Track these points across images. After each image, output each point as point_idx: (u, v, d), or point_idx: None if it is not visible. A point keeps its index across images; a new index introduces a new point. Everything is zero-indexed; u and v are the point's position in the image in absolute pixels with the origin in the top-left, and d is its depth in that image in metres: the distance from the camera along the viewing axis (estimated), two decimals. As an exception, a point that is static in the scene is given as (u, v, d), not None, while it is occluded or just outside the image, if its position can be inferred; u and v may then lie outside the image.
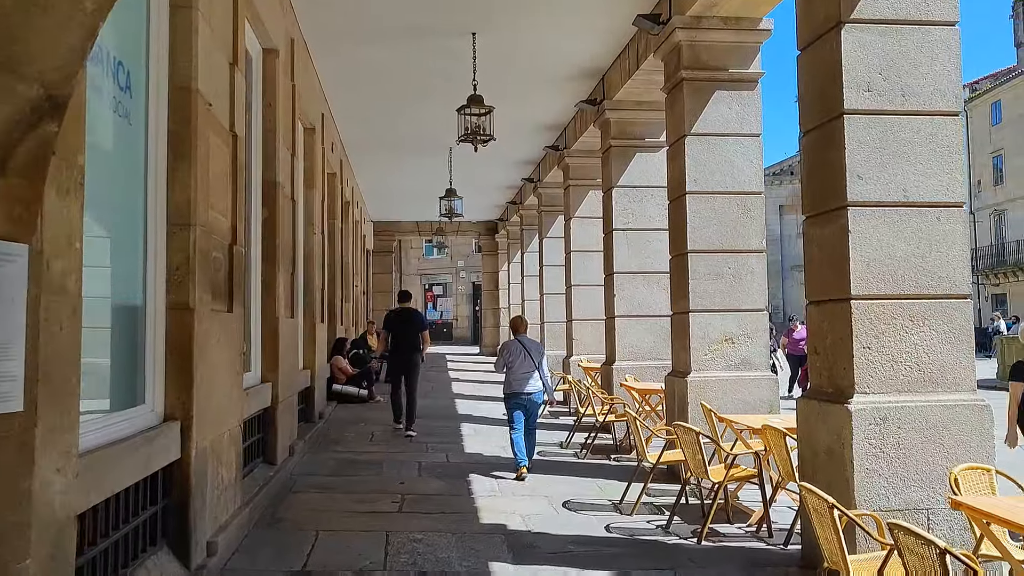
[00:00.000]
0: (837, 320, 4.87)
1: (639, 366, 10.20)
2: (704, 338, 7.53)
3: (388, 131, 13.63)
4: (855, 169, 4.79)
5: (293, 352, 8.09)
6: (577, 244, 13.17)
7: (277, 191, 7.29)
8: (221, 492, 4.95)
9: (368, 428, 10.12)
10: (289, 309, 7.90)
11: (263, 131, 7.24)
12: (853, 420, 4.62)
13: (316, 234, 10.11)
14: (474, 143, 9.10)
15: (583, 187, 13.21)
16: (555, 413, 11.92)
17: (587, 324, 13.07)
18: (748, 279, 7.62)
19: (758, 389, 7.47)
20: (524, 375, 7.84)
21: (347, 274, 15.65)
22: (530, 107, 12.12)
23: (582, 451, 8.84)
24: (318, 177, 10.49)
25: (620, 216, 10.42)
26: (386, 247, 25.20)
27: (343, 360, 12.52)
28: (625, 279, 10.34)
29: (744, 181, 7.67)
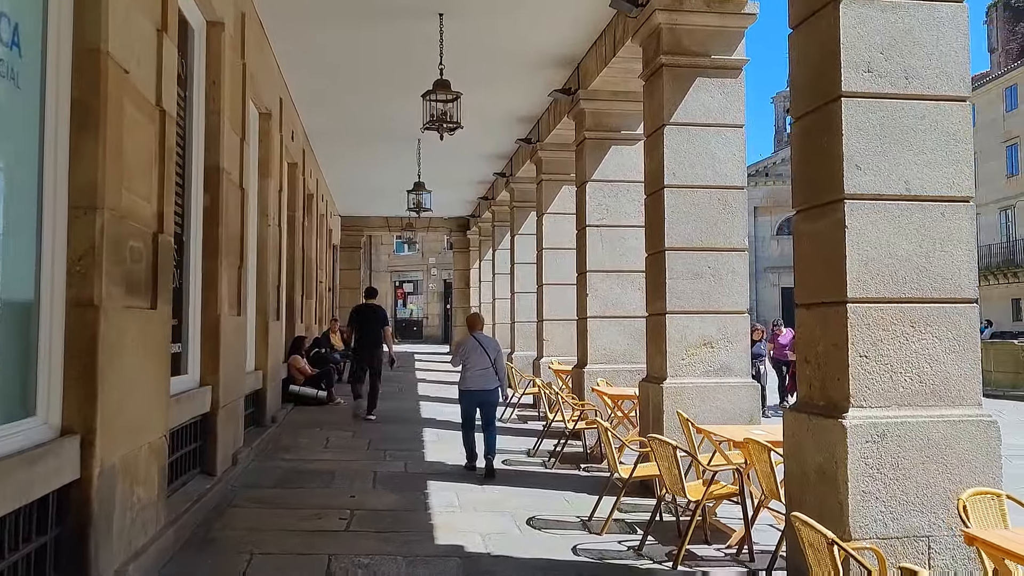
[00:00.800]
0: (831, 325, 4.38)
1: (612, 369, 9.71)
2: (681, 342, 7.04)
3: (353, 120, 13.03)
4: (853, 158, 4.31)
5: (239, 352, 7.48)
6: (549, 241, 12.66)
7: (221, 177, 6.68)
8: (136, 514, 4.35)
9: (324, 433, 9.53)
10: (235, 306, 7.30)
11: (207, 112, 6.64)
12: (848, 437, 4.13)
13: (271, 226, 9.49)
14: (440, 131, 8.55)
15: (556, 182, 12.70)
16: (524, 417, 11.41)
17: (559, 324, 12.56)
18: (729, 279, 7.15)
19: (738, 397, 7.00)
20: (480, 372, 7.81)
21: (309, 269, 15.01)
22: (502, 96, 11.58)
23: (550, 460, 8.32)
24: (275, 165, 9.87)
25: (594, 212, 9.92)
26: (354, 243, 24.52)
27: (301, 360, 11.90)
28: (598, 278, 9.85)
29: (726, 175, 7.20)
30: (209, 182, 6.62)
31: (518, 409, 11.63)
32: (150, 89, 4.61)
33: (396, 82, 10.45)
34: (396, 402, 12.78)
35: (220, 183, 6.67)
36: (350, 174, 17.61)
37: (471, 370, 7.83)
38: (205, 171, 6.60)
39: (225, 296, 6.79)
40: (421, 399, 13.31)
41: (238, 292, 7.43)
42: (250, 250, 8.98)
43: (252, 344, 9.17)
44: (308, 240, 15.00)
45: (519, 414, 11.48)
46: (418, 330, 34.18)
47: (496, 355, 7.89)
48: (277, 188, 10.21)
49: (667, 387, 6.93)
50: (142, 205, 4.51)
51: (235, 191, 7.32)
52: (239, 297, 7.44)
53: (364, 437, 9.30)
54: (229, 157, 6.95)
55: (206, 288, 6.55)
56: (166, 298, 4.90)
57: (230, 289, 7.02)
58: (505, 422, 10.97)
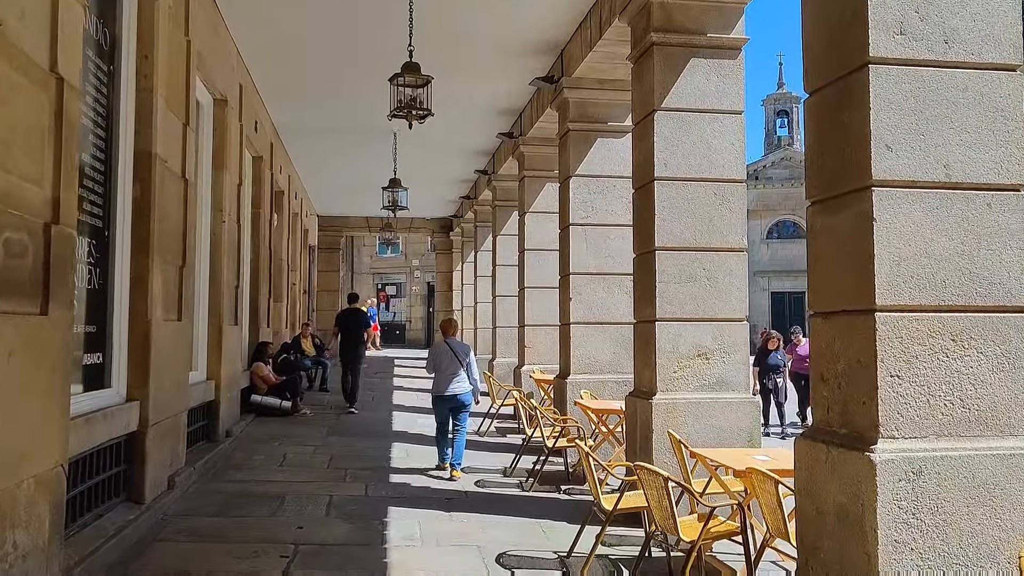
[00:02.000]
0: (855, 338, 3.65)
1: (597, 380, 8.96)
2: (673, 352, 6.31)
3: (323, 113, 12.25)
4: (883, 137, 3.58)
5: (179, 361, 6.69)
6: (532, 241, 11.91)
7: (154, 164, 5.89)
8: (11, 565, 3.57)
9: (282, 448, 8.73)
10: (174, 310, 6.50)
11: (136, 89, 5.85)
12: (877, 474, 3.40)
13: (226, 222, 8.70)
14: (408, 118, 7.77)
15: (539, 178, 11.96)
16: (503, 430, 10.64)
17: (541, 330, 11.81)
18: (726, 282, 6.42)
19: (736, 415, 6.26)
20: (451, 376, 7.96)
21: (279, 270, 14.20)
22: (481, 86, 10.84)
23: (528, 481, 7.56)
24: (232, 157, 9.08)
25: (578, 209, 9.18)
26: (332, 243, 23.68)
27: (265, 367, 11.09)
28: (582, 281, 9.10)
29: (723, 166, 6.48)
30: (139, 169, 5.83)
31: (497, 420, 10.86)
32: (39, 49, 3.82)
33: (366, 71, 9.68)
34: (367, 412, 11.99)
35: (152, 171, 5.88)
36: (324, 171, 16.82)
37: (443, 375, 7.98)
38: (135, 157, 5.81)
39: (159, 298, 6.01)
40: (395, 409, 12.52)
41: (179, 294, 6.64)
42: (199, 248, 8.21)
43: (203, 352, 8.38)
44: (278, 239, 14.19)
45: (498, 426, 10.73)
46: (401, 334, 33.29)
47: (467, 360, 8.04)
48: (236, 182, 9.42)
49: (657, 403, 6.19)
50: (28, 190, 3.72)
51: (175, 181, 6.53)
52: (180, 299, 6.65)
53: (325, 453, 8.52)
54: (166, 142, 6.17)
55: (134, 290, 5.77)
56: (64, 301, 4.11)
57: (166, 291, 6.23)
58: (483, 435, 10.22)
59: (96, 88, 5.32)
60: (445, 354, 8.02)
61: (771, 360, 12.11)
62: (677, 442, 5.65)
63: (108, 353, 5.56)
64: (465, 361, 8.00)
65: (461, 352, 8.05)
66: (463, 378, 7.97)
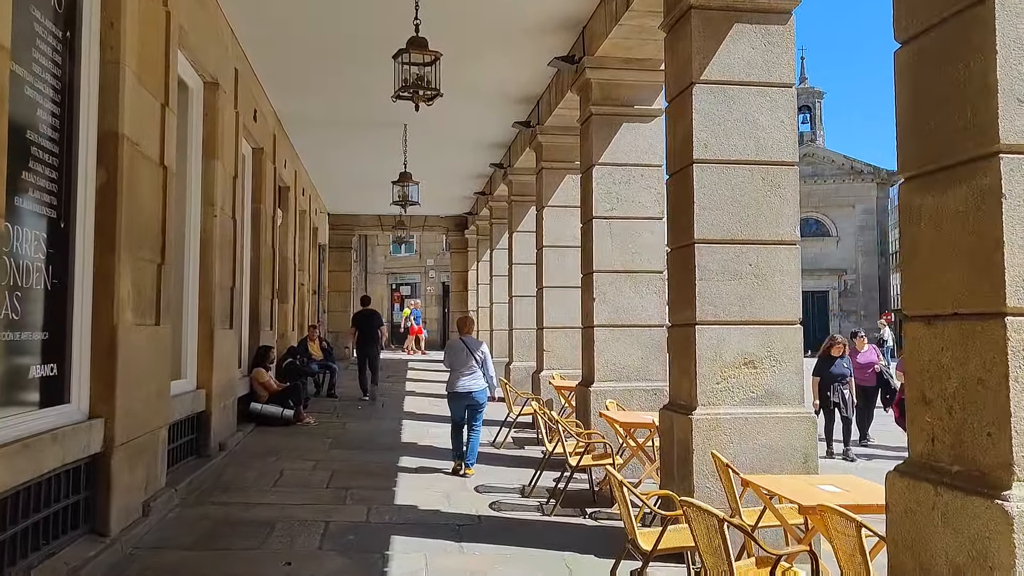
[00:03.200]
0: (974, 349, 2.83)
1: (624, 389, 8.16)
2: (715, 360, 5.50)
3: (329, 102, 11.52)
4: (1013, 87, 2.76)
5: (157, 371, 5.95)
6: (550, 238, 11.12)
7: (122, 147, 5.16)
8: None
9: (279, 463, 7.98)
10: (150, 313, 5.77)
11: (101, 62, 5.12)
12: (1015, 530, 2.59)
13: (218, 216, 7.97)
14: (415, 99, 7.01)
15: (559, 170, 11.17)
16: (520, 441, 9.85)
17: (561, 333, 11.02)
18: (776, 280, 5.60)
19: (788, 432, 5.45)
20: (466, 374, 8.00)
21: (284, 270, 13.49)
22: (495, 70, 10.06)
23: (549, 503, 6.77)
24: (226, 146, 8.35)
25: (602, 201, 8.37)
26: (344, 242, 22.96)
27: (265, 373, 10.36)
28: (607, 279, 8.30)
29: (771, 146, 5.66)
30: (104, 153, 5.10)
31: (515, 430, 10.08)
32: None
33: (371, 56, 8.91)
34: (375, 422, 11.24)
35: (120, 155, 5.14)
36: (333, 166, 16.09)
37: (458, 372, 8.04)
38: (99, 138, 5.08)
39: (128, 300, 5.27)
40: (405, 417, 11.75)
41: (156, 295, 5.91)
42: (187, 244, 7.52)
43: (191, 358, 7.66)
44: (283, 237, 13.49)
45: (515, 436, 9.94)
46: (416, 335, 32.58)
47: (483, 357, 8.08)
48: (231, 174, 8.69)
49: (697, 419, 5.38)
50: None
51: (151, 168, 5.80)
52: (158, 301, 5.92)
53: (326, 469, 7.76)
54: (137, 123, 5.43)
55: (98, 291, 5.03)
56: (-13, 305, 3.38)
57: (139, 291, 5.50)
58: (499, 447, 9.44)
59: (49, 57, 4.60)
60: (460, 351, 8.06)
61: (835, 369, 10.13)
62: (724, 466, 4.84)
63: (66, 364, 4.83)
64: (480, 359, 8.03)
65: (476, 349, 8.07)
66: (478, 375, 8.01)
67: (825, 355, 10.23)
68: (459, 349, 8.12)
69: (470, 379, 8.01)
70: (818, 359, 10.28)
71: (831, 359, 10.16)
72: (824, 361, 10.21)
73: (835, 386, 10.04)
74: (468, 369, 8.01)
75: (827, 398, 10.04)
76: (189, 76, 7.49)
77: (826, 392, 10.05)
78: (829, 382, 10.08)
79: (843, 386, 10.10)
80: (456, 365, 8.07)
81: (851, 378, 10.29)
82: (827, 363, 10.16)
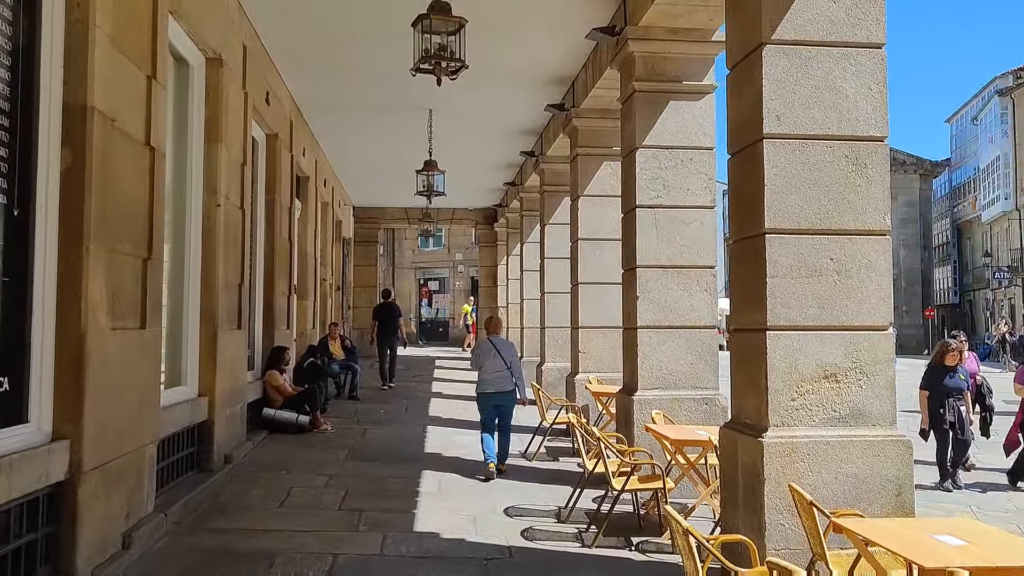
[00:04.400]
0: None
1: (671, 397, 7.30)
2: (791, 372, 4.64)
3: (350, 86, 10.77)
4: None
5: (142, 381, 5.20)
6: (586, 230, 10.28)
7: (92, 122, 4.41)
8: None
9: (289, 479, 7.23)
10: (133, 315, 5.04)
11: (66, 21, 4.37)
12: None
13: (222, 206, 7.23)
14: (437, 72, 6.22)
15: (596, 156, 10.31)
16: (554, 452, 9.03)
17: (598, 333, 10.19)
18: (862, 277, 4.73)
19: (879, 460, 4.57)
20: (496, 374, 7.91)
21: (304, 265, 12.78)
22: (527, 47, 9.23)
23: (589, 530, 5.95)
24: (231, 129, 7.61)
25: (646, 188, 7.51)
26: (369, 236, 22.26)
27: (279, 376, 9.63)
28: (652, 275, 7.44)
29: (857, 119, 4.78)
30: (70, 129, 4.36)
31: (548, 438, 9.26)
32: None
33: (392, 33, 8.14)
34: (397, 428, 10.48)
35: (89, 131, 4.40)
36: (356, 156, 15.34)
37: (487, 372, 7.95)
38: (63, 112, 4.34)
39: (102, 301, 4.53)
40: (430, 422, 10.98)
41: (142, 294, 5.17)
42: (187, 237, 6.85)
43: (192, 363, 6.95)
44: (302, 230, 12.78)
45: (548, 445, 9.11)
46: (444, 331, 31.88)
47: (512, 358, 7.98)
48: (238, 160, 7.96)
49: (769, 443, 4.52)
50: None
51: (132, 149, 5.05)
52: (143, 302, 5.18)
53: (340, 486, 7.00)
54: (114, 96, 4.68)
55: (63, 290, 4.30)
56: None
57: (117, 290, 4.76)
58: (530, 459, 8.63)
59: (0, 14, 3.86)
60: (489, 352, 7.98)
61: (950, 381, 8.42)
62: (807, 505, 3.98)
63: (23, 377, 4.10)
64: (509, 359, 7.93)
65: (506, 350, 8.02)
66: (507, 376, 7.91)
67: (937, 364, 8.59)
68: (487, 349, 8.03)
69: (499, 380, 7.90)
70: (928, 369, 8.73)
71: (944, 369, 8.48)
72: (935, 371, 8.55)
73: (949, 402, 8.36)
74: (497, 370, 7.91)
75: (939, 416, 8.34)
76: (187, 49, 6.75)
77: (938, 409, 8.36)
78: (942, 397, 8.38)
79: (959, 402, 8.42)
80: (485, 366, 7.97)
81: (968, 392, 8.73)
82: (939, 374, 8.50)
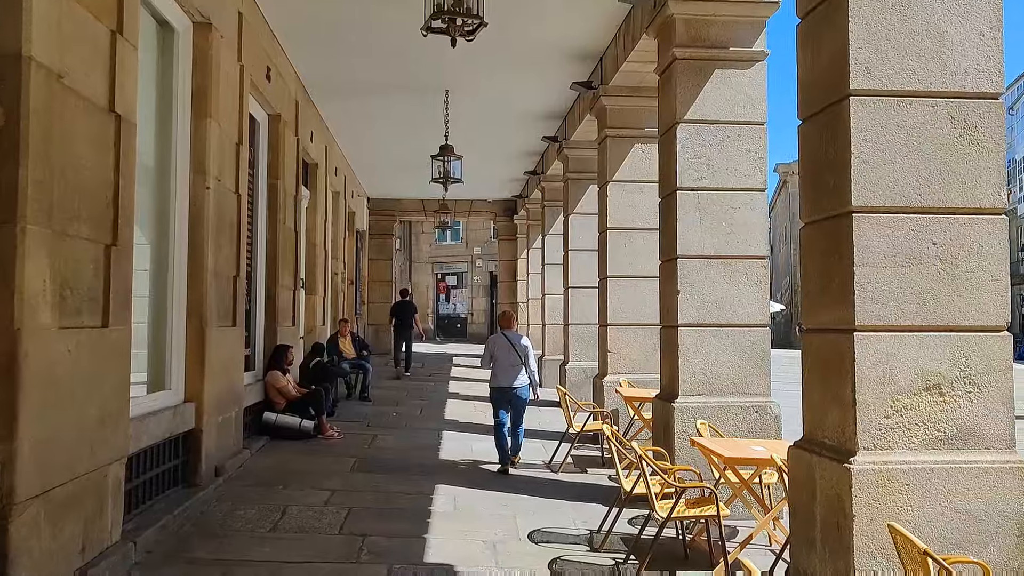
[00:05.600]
0: None
1: (716, 405, 6.45)
2: (885, 383, 3.77)
3: (360, 65, 9.94)
4: None
5: (101, 390, 4.41)
6: (616, 219, 9.43)
7: (28, 74, 3.62)
8: None
9: (286, 495, 6.43)
10: (91, 311, 4.26)
11: (-4, -50, 3.58)
12: None
13: (212, 188, 6.45)
14: (451, 31, 5.38)
15: (626, 138, 9.45)
16: (581, 462, 8.18)
17: (629, 331, 9.36)
18: (973, 266, 3.85)
19: (996, 491, 3.70)
20: (509, 369, 7.86)
21: (313, 257, 12.01)
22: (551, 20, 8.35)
23: (628, 562, 5.11)
24: (224, 104, 6.82)
25: (688, 168, 6.65)
26: (385, 229, 21.46)
27: (282, 377, 8.85)
28: (695, 267, 6.59)
29: (966, 72, 3.89)
30: (1, 81, 3.57)
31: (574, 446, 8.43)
32: None
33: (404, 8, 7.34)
34: (410, 433, 9.67)
35: (26, 87, 3.60)
36: (368, 143, 14.52)
37: (500, 367, 7.91)
38: (-7, 61, 3.55)
39: (45, 294, 3.75)
40: (446, 427, 10.16)
41: (104, 287, 4.39)
42: (170, 222, 6.06)
43: (178, 364, 6.19)
44: (311, 220, 12.01)
45: (575, 454, 8.26)
46: (462, 327, 31.06)
47: (525, 353, 7.91)
48: (232, 139, 7.17)
49: (859, 469, 3.66)
50: None
51: (90, 114, 4.26)
52: (106, 295, 4.40)
53: (342, 504, 6.20)
54: (61, 48, 3.89)
55: (-8, 280, 3.51)
56: None
57: (66, 281, 3.97)
58: (556, 471, 7.80)
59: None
60: (503, 346, 7.92)
61: None
62: (919, 555, 3.11)
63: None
64: (522, 354, 7.87)
65: (519, 345, 7.92)
66: (521, 371, 7.85)
67: None
68: (501, 345, 7.94)
69: (512, 375, 7.84)
70: None
71: None
72: None
73: None
74: (510, 364, 7.84)
75: None
76: (169, 10, 5.97)
77: None
78: None
79: None
80: (499, 360, 7.90)
81: None
82: None
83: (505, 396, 7.85)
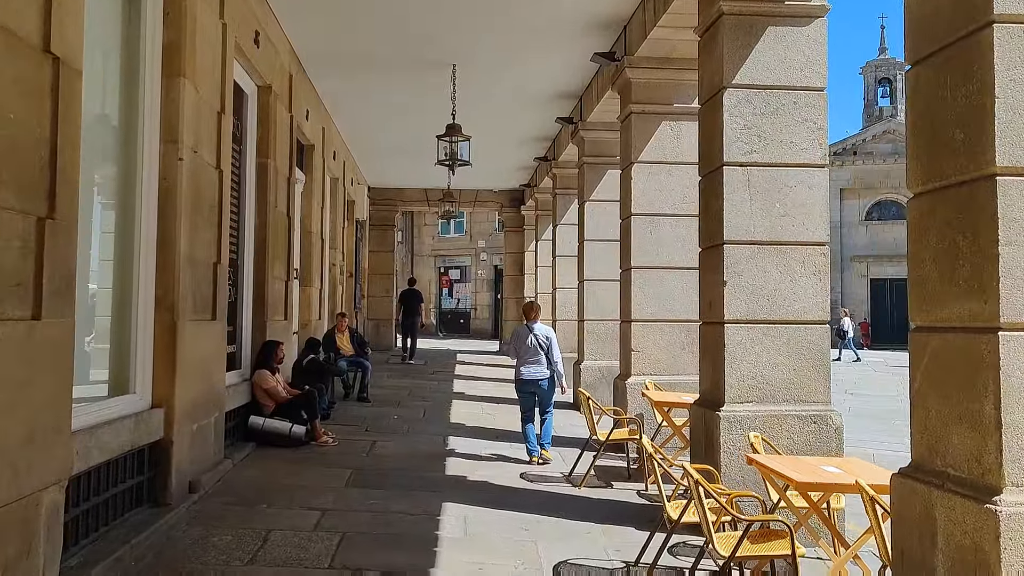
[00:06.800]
0: None
1: (768, 414, 5.56)
2: (1039, 399, 2.88)
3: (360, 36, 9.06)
4: None
5: (21, 400, 3.52)
6: (641, 203, 8.53)
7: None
8: None
9: (270, 517, 5.54)
10: (19, 301, 3.38)
11: None
12: None
13: (185, 159, 5.56)
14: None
15: (652, 115, 8.56)
16: (607, 476, 7.27)
17: (655, 327, 8.46)
18: None
19: None
20: (532, 361, 7.81)
21: (309, 246, 11.12)
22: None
23: (677, 606, 4.23)
24: (201, 64, 5.93)
25: (736, 140, 5.76)
26: (386, 219, 20.55)
27: (271, 377, 7.96)
28: (744, 254, 5.70)
29: None
30: None
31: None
32: None
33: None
34: (412, 439, 8.79)
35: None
36: (369, 124, 13.58)
37: (524, 360, 7.86)
38: None
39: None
40: (452, 431, 9.27)
41: (35, 270, 3.50)
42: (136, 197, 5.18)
43: (144, 364, 5.31)
44: (306, 206, 11.13)
45: (599, 465, 7.34)
46: (465, 323, 30.17)
47: (549, 345, 7.81)
48: (213, 107, 6.30)
49: (1009, 513, 2.78)
50: None
51: (15, 53, 3.38)
52: (37, 281, 3.51)
53: (334, 528, 5.30)
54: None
55: None
56: None
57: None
58: (578, 485, 6.90)
59: None
60: (526, 338, 7.83)
61: None
62: None
63: None
64: (546, 346, 7.78)
65: (543, 338, 7.83)
66: (545, 363, 7.80)
67: None
68: (525, 336, 7.85)
69: (536, 367, 7.79)
70: None
71: None
72: None
73: None
74: (534, 357, 7.78)
75: None
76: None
77: None
78: None
79: None
80: (521, 353, 7.86)
81: None
82: None
83: (528, 388, 7.82)
